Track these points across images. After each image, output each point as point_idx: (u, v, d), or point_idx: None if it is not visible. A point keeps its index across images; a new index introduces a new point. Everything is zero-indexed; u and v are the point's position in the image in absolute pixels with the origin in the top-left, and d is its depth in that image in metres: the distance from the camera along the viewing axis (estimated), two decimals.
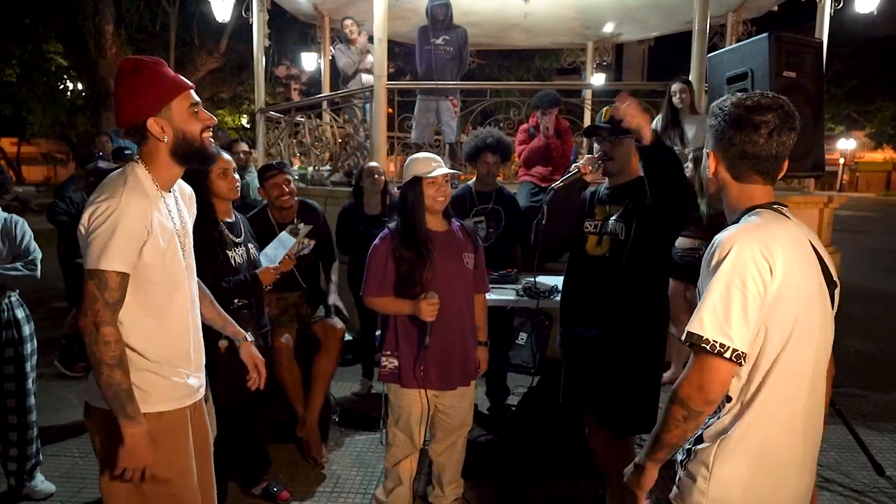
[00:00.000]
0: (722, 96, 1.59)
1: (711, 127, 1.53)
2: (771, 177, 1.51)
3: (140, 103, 1.73)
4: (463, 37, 6.55)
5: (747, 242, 1.37)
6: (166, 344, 1.83)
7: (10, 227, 3.04)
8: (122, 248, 1.66)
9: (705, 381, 1.36)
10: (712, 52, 3.69)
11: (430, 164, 2.66)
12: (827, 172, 3.85)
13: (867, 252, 12.66)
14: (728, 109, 1.48)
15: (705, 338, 1.35)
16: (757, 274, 1.35)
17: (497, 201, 4.06)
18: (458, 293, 2.72)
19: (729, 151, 1.49)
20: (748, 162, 1.48)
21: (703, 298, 1.38)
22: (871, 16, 8.01)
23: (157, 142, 1.76)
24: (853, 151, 41.19)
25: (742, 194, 1.52)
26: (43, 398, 3.44)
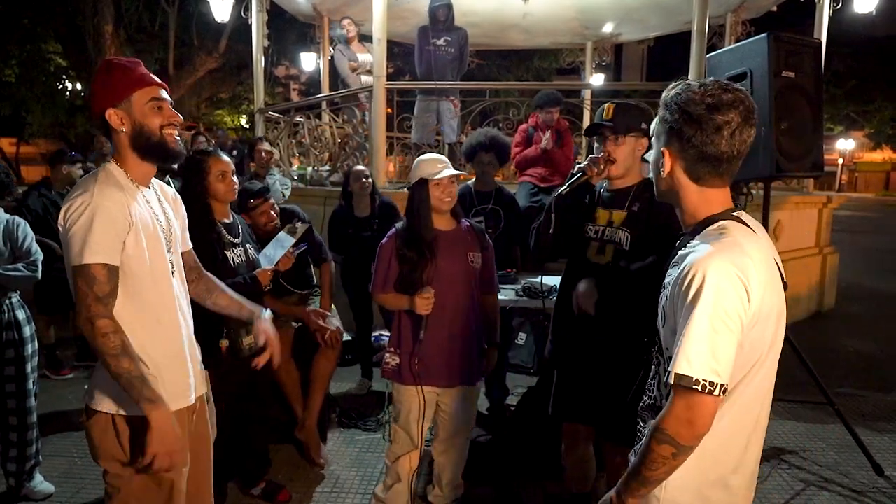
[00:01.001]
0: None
1: (665, 122, 1.39)
2: (730, 177, 1.42)
3: (102, 95, 1.76)
4: (464, 38, 6.55)
5: (723, 267, 1.28)
6: (156, 341, 1.82)
7: (13, 228, 3.04)
8: (104, 240, 1.65)
9: (695, 417, 1.29)
10: (711, 52, 3.70)
11: (437, 165, 2.66)
12: (826, 172, 3.85)
13: (866, 252, 12.67)
14: (686, 106, 1.35)
15: (695, 378, 1.26)
16: (738, 303, 1.28)
17: (496, 201, 4.07)
18: (461, 292, 2.73)
19: (687, 152, 1.38)
20: (708, 164, 1.37)
21: (685, 333, 1.28)
22: (869, 16, 8.02)
23: (118, 134, 1.77)
24: (852, 151, 41.18)
25: (700, 199, 1.42)
26: (42, 399, 3.43)
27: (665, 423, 1.32)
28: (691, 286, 1.29)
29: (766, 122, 3.21)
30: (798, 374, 3.77)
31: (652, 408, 1.51)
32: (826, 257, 7.19)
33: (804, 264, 6.85)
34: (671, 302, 1.37)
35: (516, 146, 5.20)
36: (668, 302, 1.38)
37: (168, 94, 1.84)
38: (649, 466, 1.35)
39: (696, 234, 1.41)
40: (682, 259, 1.35)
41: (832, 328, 6.67)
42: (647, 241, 2.35)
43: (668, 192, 1.47)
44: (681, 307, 1.32)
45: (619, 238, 2.44)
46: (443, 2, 6.31)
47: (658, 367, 1.51)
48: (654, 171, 1.49)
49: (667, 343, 1.41)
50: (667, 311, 1.39)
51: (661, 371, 1.47)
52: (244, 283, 2.86)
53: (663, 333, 1.44)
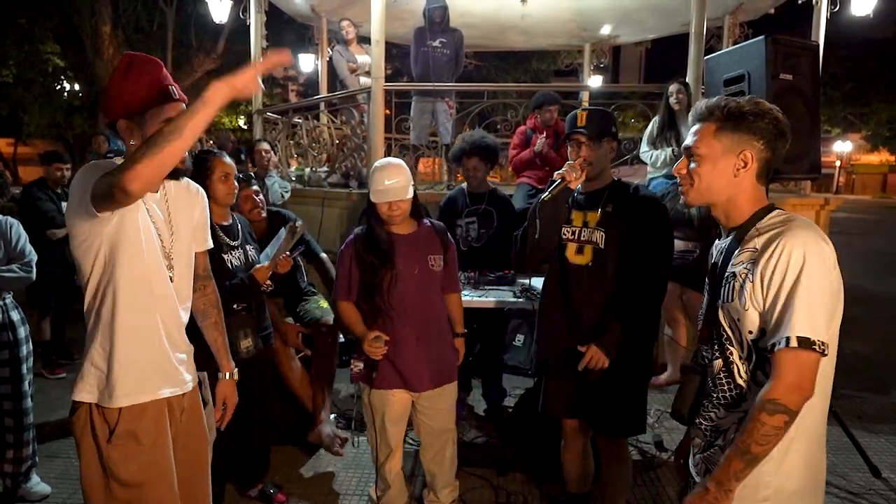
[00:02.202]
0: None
1: (749, 128, 1.54)
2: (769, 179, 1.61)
3: (118, 102, 1.72)
4: (459, 39, 6.56)
5: (819, 242, 1.45)
6: (147, 333, 1.81)
7: (6, 229, 3.03)
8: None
9: (805, 380, 1.40)
10: (709, 54, 3.70)
11: (383, 182, 2.57)
12: (823, 175, 3.86)
13: (863, 254, 12.69)
14: (773, 113, 1.54)
15: (814, 340, 1.38)
16: (835, 271, 1.45)
17: (489, 202, 4.06)
18: (423, 295, 2.70)
19: (768, 153, 1.55)
20: (771, 168, 1.57)
21: (797, 300, 1.39)
22: (867, 18, 8.03)
23: (127, 143, 1.75)
24: (849, 154, 41.25)
25: (756, 195, 1.58)
26: (39, 400, 3.43)
27: (775, 392, 1.40)
28: (797, 261, 1.41)
29: None
30: None
31: (736, 399, 1.56)
32: None
33: None
34: (761, 282, 1.46)
35: (514, 148, 5.20)
36: (754, 285, 1.47)
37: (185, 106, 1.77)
38: (761, 442, 1.41)
39: (755, 223, 1.55)
40: (770, 242, 1.46)
41: None
42: (622, 239, 2.48)
43: (725, 194, 1.57)
44: (780, 281, 1.42)
45: (595, 238, 2.54)
46: (438, 3, 6.32)
47: (729, 357, 1.56)
48: (713, 175, 1.57)
49: (748, 326, 1.49)
50: (746, 296, 1.47)
51: (737, 359, 1.54)
52: (242, 284, 2.86)
53: (744, 318, 1.49)
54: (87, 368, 1.78)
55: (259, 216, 3.42)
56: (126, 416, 1.77)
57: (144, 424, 1.80)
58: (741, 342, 1.53)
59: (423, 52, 6.35)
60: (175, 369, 1.91)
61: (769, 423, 1.40)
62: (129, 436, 1.77)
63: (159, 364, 1.86)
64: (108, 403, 1.76)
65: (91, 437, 1.77)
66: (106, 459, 1.76)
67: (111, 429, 1.76)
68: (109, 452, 1.76)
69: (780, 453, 1.47)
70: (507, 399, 4.32)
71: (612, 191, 2.57)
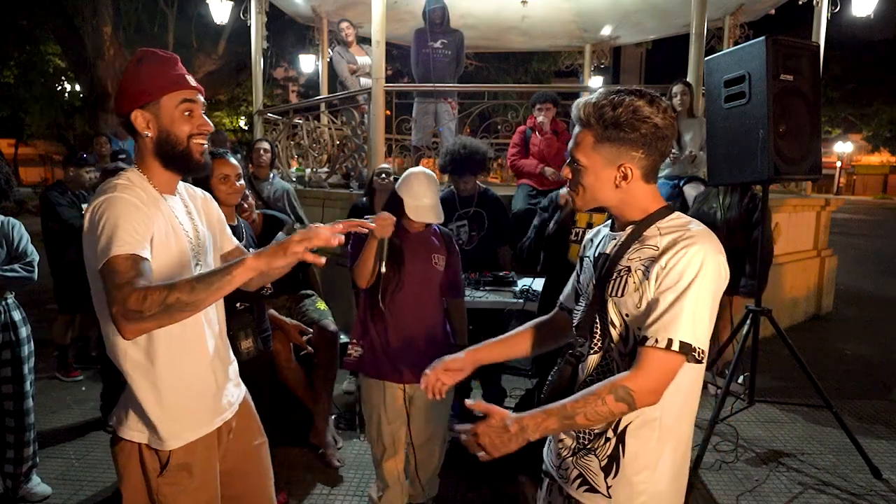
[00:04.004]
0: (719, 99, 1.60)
1: (623, 139, 1.45)
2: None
3: (131, 93, 1.63)
4: (460, 40, 6.57)
5: (717, 253, 1.40)
6: (194, 360, 1.71)
7: (8, 229, 3.03)
8: (129, 234, 1.48)
9: (664, 384, 1.38)
10: (710, 55, 3.70)
11: (422, 198, 2.60)
12: (824, 175, 3.87)
13: (864, 255, 12.69)
14: (651, 119, 1.44)
15: (695, 347, 1.36)
16: (721, 282, 1.42)
17: (479, 204, 4.05)
18: (424, 291, 2.75)
19: (650, 160, 1.47)
20: (658, 165, 1.51)
21: (685, 305, 1.36)
22: (867, 19, 8.04)
23: (142, 138, 1.63)
24: (850, 155, 41.27)
25: (650, 196, 1.52)
26: (40, 400, 3.43)
27: (633, 383, 1.37)
28: (696, 264, 1.38)
29: (765, 125, 3.21)
30: (796, 377, 3.78)
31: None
32: (824, 260, 7.19)
33: (802, 267, 6.86)
34: (656, 279, 1.41)
35: (513, 147, 5.21)
36: (649, 282, 1.42)
37: (203, 98, 1.71)
38: (590, 417, 1.39)
39: (655, 221, 1.49)
40: (675, 243, 1.42)
41: (830, 331, 6.68)
42: None
43: (615, 200, 1.52)
44: (674, 281, 1.38)
45: None
46: (438, 4, 6.33)
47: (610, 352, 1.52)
48: (599, 187, 1.51)
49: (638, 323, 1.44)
50: (641, 293, 1.43)
51: (616, 355, 1.50)
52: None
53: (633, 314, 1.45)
54: (130, 409, 1.66)
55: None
56: (179, 452, 1.69)
57: (197, 457, 1.73)
58: (626, 338, 1.48)
59: (424, 53, 6.36)
60: (224, 393, 1.83)
61: (610, 406, 1.37)
62: (182, 468, 1.70)
63: (210, 392, 1.78)
64: (160, 446, 1.67)
65: (139, 471, 1.69)
66: (156, 494, 1.69)
67: (163, 464, 1.68)
68: (161, 487, 1.68)
69: (654, 461, 1.46)
70: (508, 400, 4.32)
71: None
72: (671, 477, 1.49)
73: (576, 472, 1.54)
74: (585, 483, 1.52)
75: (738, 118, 3.36)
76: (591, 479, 1.51)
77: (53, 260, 4.79)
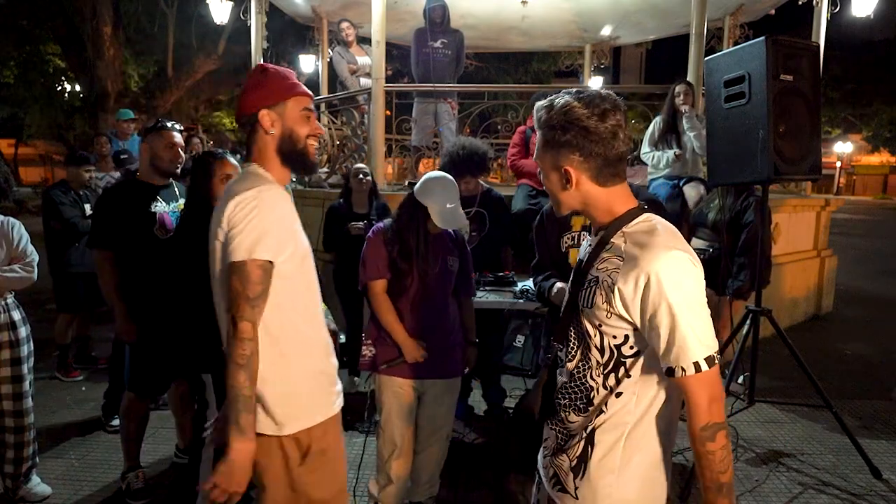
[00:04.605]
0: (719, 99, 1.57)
1: (558, 142, 1.43)
2: (624, 174, 1.49)
3: (258, 94, 1.77)
4: (460, 40, 6.57)
5: (683, 256, 1.37)
6: (318, 346, 1.81)
7: (7, 229, 3.03)
8: (272, 238, 1.63)
9: (716, 389, 1.36)
10: (710, 55, 3.70)
11: (445, 204, 2.66)
12: (824, 176, 3.87)
13: (864, 255, 12.69)
14: (581, 122, 1.39)
15: (712, 355, 1.35)
16: (701, 279, 1.39)
17: (481, 204, 4.05)
18: (438, 291, 2.79)
19: (591, 162, 1.42)
20: (611, 167, 1.43)
21: (680, 322, 1.33)
22: (867, 19, 8.03)
23: (266, 136, 1.76)
24: (850, 155, 41.26)
25: (611, 198, 1.47)
26: (39, 400, 3.43)
27: (701, 419, 1.36)
28: (663, 282, 1.33)
29: (764, 126, 3.21)
30: (796, 377, 3.78)
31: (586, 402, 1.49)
32: (824, 260, 7.20)
33: (802, 267, 6.86)
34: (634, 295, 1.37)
35: (513, 147, 5.20)
36: (623, 295, 1.38)
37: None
38: (722, 469, 1.36)
39: (622, 225, 1.45)
40: (633, 259, 1.38)
41: (830, 331, 6.68)
42: None
43: (578, 203, 1.50)
44: (658, 303, 1.34)
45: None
46: (438, 2, 6.32)
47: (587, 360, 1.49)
48: (553, 189, 1.50)
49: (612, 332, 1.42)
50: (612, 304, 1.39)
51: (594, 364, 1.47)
52: None
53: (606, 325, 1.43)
54: (266, 404, 1.71)
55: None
56: (317, 434, 1.77)
57: (329, 440, 1.81)
58: (602, 348, 1.45)
59: (424, 53, 6.36)
60: (337, 379, 1.92)
61: (716, 447, 1.36)
62: (321, 454, 1.78)
63: (330, 378, 1.87)
64: (301, 426, 1.74)
65: (281, 463, 1.75)
66: (297, 483, 1.75)
67: (304, 452, 1.76)
68: (302, 476, 1.76)
69: (619, 466, 1.44)
70: (507, 399, 4.32)
71: None
72: (640, 485, 1.46)
73: (552, 471, 1.56)
74: (558, 483, 1.53)
75: (738, 118, 3.36)
76: (563, 478, 1.52)
77: (53, 259, 4.78)
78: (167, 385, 3.40)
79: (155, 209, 3.15)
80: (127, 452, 3.26)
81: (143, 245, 3.10)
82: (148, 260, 3.08)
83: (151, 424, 3.47)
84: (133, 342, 3.15)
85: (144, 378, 3.20)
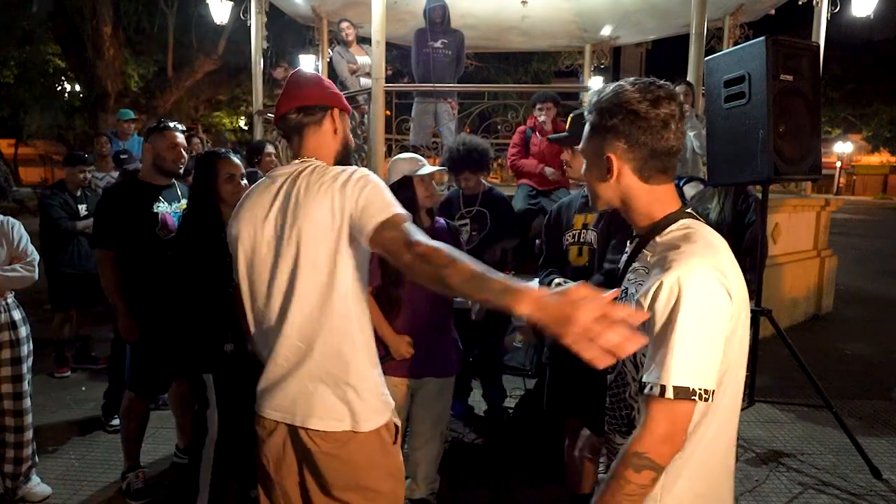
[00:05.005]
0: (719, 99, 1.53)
1: (605, 127, 1.33)
2: (674, 172, 1.38)
3: (333, 95, 1.82)
4: (461, 40, 6.57)
5: (706, 273, 1.23)
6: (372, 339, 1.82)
7: (7, 229, 3.03)
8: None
9: (676, 431, 1.21)
10: (710, 55, 3.70)
11: (417, 162, 2.72)
12: (824, 176, 3.87)
13: (864, 255, 12.68)
14: (630, 106, 1.30)
15: (692, 388, 1.19)
16: (723, 307, 1.24)
17: (482, 203, 4.05)
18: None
19: (636, 152, 1.32)
20: (658, 161, 1.32)
21: (673, 342, 1.20)
22: (867, 19, 8.04)
23: (330, 133, 1.80)
24: (850, 155, 41.27)
25: (653, 198, 1.36)
26: (39, 400, 3.43)
27: (643, 445, 1.21)
28: (674, 295, 1.22)
29: (764, 125, 3.21)
30: (796, 377, 3.77)
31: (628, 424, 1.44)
32: (824, 260, 7.20)
33: (802, 267, 6.86)
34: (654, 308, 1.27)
35: (513, 146, 5.20)
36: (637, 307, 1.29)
37: None
38: (630, 499, 1.23)
39: (656, 233, 1.36)
40: (656, 266, 1.29)
41: (830, 331, 6.68)
42: (610, 240, 2.51)
43: (616, 199, 1.40)
44: (663, 316, 1.24)
45: (589, 238, 2.61)
46: (438, 2, 6.32)
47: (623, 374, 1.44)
48: (592, 181, 1.41)
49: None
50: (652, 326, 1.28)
51: (630, 379, 1.42)
52: None
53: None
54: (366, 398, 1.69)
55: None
56: (389, 430, 1.78)
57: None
58: (635, 363, 1.38)
59: (425, 53, 6.36)
60: None
61: (635, 480, 1.21)
62: (400, 433, 1.83)
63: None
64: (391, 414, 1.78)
65: (385, 453, 1.75)
66: (393, 467, 1.78)
67: (395, 436, 1.79)
68: (396, 460, 1.79)
69: (661, 494, 1.30)
70: (507, 400, 4.32)
71: None
72: None
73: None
74: None
75: (738, 118, 3.36)
76: None
77: (46, 259, 4.80)
78: (168, 384, 3.40)
79: (157, 209, 3.15)
80: (127, 452, 3.26)
81: (145, 245, 3.10)
82: (150, 260, 3.08)
83: (151, 424, 3.47)
84: (135, 341, 3.15)
85: (145, 377, 3.20)
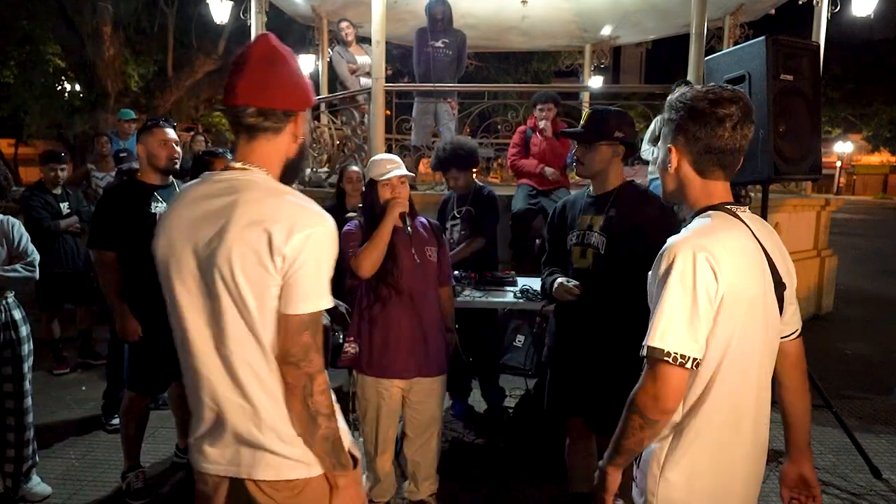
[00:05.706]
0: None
1: (672, 121, 1.50)
2: (731, 171, 1.50)
3: (303, 91, 1.46)
4: (462, 40, 6.56)
5: (691, 249, 1.36)
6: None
7: (8, 228, 3.03)
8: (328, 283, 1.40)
9: (661, 392, 1.37)
10: (710, 55, 3.71)
11: (385, 166, 2.71)
12: (824, 175, 3.87)
13: (864, 255, 12.68)
14: (690, 103, 1.45)
15: (667, 351, 1.34)
16: (707, 282, 1.35)
17: (472, 202, 4.06)
18: (420, 284, 2.79)
19: (693, 146, 1.46)
20: (713, 156, 1.46)
21: (658, 308, 1.37)
22: (867, 19, 8.03)
23: (288, 140, 1.46)
24: (850, 154, 41.24)
25: (703, 192, 1.51)
26: (39, 400, 3.43)
27: (636, 394, 1.41)
28: (662, 265, 1.39)
29: (765, 125, 3.21)
30: None
31: None
32: (824, 260, 7.20)
33: (802, 267, 6.85)
34: (651, 284, 1.46)
35: (513, 146, 5.20)
36: (649, 285, 1.47)
37: None
38: (623, 435, 1.44)
39: (686, 227, 1.50)
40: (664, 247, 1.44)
41: (830, 331, 6.68)
42: (625, 245, 2.44)
43: (677, 190, 1.55)
44: (655, 285, 1.41)
45: (595, 241, 2.53)
46: (439, 1, 6.31)
47: None
48: (661, 171, 1.57)
49: None
50: (652, 297, 1.45)
51: None
52: None
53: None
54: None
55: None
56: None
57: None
58: None
59: (426, 52, 6.35)
60: None
61: (629, 419, 1.43)
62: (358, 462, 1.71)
63: None
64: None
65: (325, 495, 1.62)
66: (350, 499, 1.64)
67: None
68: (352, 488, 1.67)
69: (663, 468, 1.46)
70: (507, 399, 4.32)
71: (620, 195, 2.53)
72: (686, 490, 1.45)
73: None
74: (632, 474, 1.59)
75: None
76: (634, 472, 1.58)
77: None
78: (167, 384, 3.40)
79: (155, 209, 3.14)
80: (127, 452, 3.26)
81: (142, 245, 3.09)
82: (147, 260, 3.07)
83: (151, 424, 3.47)
84: (136, 341, 3.15)
85: (144, 377, 3.20)
